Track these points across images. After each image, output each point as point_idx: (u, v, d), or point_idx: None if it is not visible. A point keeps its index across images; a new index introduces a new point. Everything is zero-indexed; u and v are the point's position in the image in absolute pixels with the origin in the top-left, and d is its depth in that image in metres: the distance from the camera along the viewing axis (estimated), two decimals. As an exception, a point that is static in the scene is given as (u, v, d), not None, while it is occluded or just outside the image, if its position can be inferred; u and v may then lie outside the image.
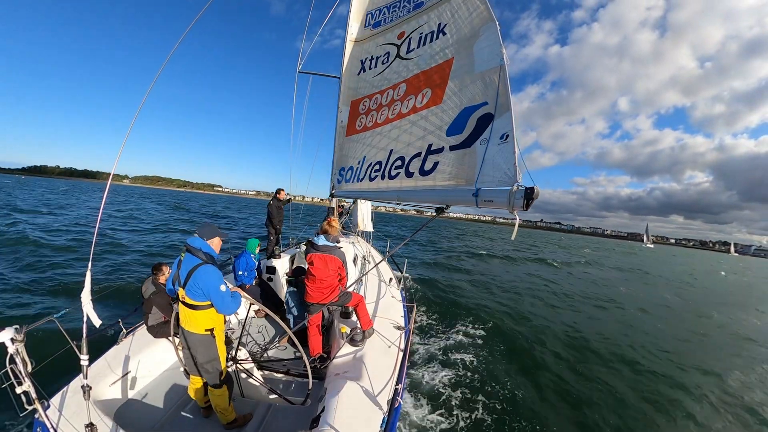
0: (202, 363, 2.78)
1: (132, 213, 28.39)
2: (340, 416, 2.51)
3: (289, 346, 4.31)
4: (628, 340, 8.61)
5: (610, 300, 13.86)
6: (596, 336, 8.59)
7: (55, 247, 12.12)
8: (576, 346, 7.74)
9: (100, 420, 2.59)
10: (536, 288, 14.64)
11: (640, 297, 15.54)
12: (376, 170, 4.02)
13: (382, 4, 4.90)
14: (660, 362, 7.39)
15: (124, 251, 12.89)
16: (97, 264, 10.33)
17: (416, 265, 14.98)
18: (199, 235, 2.80)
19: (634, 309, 12.61)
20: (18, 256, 10.52)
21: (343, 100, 5.39)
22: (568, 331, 8.78)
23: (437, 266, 16.75)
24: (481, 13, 3.06)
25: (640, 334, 9.39)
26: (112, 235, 15.97)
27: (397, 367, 3.33)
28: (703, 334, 10.41)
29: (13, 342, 2.00)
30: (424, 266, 15.75)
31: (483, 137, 2.61)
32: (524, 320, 9.29)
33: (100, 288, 7.69)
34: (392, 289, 5.68)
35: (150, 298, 3.82)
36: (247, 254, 5.16)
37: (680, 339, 9.52)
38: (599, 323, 10.15)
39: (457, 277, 14.46)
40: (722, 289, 23.33)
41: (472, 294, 11.58)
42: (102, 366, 3.30)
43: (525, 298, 12.33)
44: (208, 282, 2.61)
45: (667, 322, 11.20)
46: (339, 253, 3.91)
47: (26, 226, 15.71)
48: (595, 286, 17.46)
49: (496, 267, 20.41)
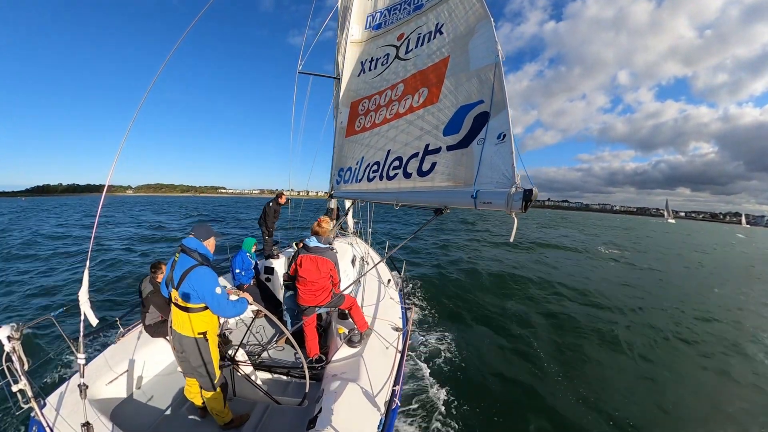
0: (195, 367, 2.75)
1: (147, 228, 25.88)
2: (337, 417, 2.50)
3: (286, 347, 4.30)
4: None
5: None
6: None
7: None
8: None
9: (97, 419, 2.59)
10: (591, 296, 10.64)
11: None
12: (374, 171, 4.01)
13: (383, 7, 4.92)
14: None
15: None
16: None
17: (417, 264, 14.75)
18: (195, 235, 2.77)
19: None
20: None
21: (342, 101, 5.40)
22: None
23: (442, 264, 14.85)
24: (476, 10, 3.07)
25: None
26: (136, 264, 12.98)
27: (394, 369, 3.32)
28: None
29: (9, 340, 2.00)
30: (424, 266, 15.46)
31: (479, 137, 2.59)
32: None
33: (98, 287, 7.70)
34: (390, 290, 5.67)
35: (148, 297, 3.82)
36: (243, 253, 5.17)
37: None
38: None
39: (463, 275, 12.98)
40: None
41: (483, 294, 10.56)
42: (99, 365, 3.30)
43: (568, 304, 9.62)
44: (203, 284, 2.57)
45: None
46: (331, 255, 3.87)
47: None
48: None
49: (515, 257, 17.06)
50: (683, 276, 16.02)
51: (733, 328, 8.79)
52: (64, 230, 22.63)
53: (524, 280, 11.91)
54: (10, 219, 32.26)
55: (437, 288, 10.51)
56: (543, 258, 17.44)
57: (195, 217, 38.90)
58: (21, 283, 9.92)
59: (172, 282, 2.67)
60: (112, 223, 28.16)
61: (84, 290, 2.49)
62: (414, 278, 11.11)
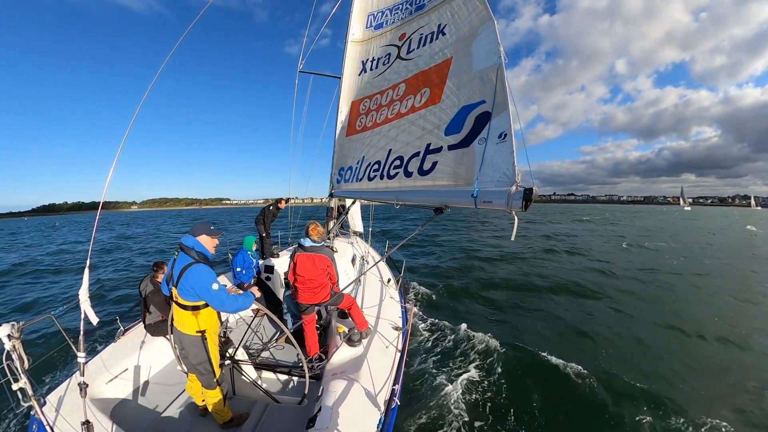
0: (195, 364, 2.78)
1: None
2: (337, 416, 2.51)
3: (286, 346, 4.30)
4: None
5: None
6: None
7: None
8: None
9: (97, 418, 2.59)
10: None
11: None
12: (375, 170, 4.02)
13: (384, 6, 4.92)
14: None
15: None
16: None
17: (417, 264, 14.67)
18: (192, 234, 2.80)
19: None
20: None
21: (343, 100, 5.40)
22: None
23: (446, 265, 14.17)
24: (480, 12, 3.07)
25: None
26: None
27: (394, 368, 3.33)
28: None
29: (9, 339, 2.00)
30: (425, 266, 15.37)
31: (481, 136, 2.60)
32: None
33: (98, 286, 7.72)
34: (390, 289, 5.67)
35: (148, 296, 3.82)
36: (244, 251, 5.18)
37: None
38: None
39: (470, 274, 12.47)
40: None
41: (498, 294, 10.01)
42: (99, 364, 3.30)
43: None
44: (200, 281, 2.58)
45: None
46: (326, 251, 3.91)
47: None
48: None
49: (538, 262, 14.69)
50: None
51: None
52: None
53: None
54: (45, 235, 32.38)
55: (440, 288, 10.41)
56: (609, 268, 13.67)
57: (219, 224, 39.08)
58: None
59: (172, 280, 2.70)
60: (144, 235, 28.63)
61: (84, 289, 2.50)
62: (413, 279, 11.00)
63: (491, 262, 14.77)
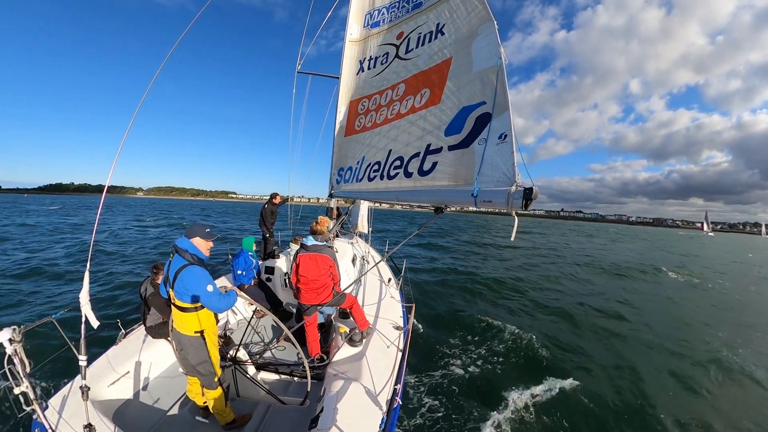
0: (194, 365, 2.78)
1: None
2: (339, 416, 2.51)
3: (288, 347, 4.31)
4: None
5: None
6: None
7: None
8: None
9: (99, 421, 2.59)
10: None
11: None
12: (375, 170, 4.02)
13: (381, 5, 4.90)
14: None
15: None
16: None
17: (418, 264, 14.74)
18: (187, 236, 2.80)
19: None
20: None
21: (342, 100, 5.39)
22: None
23: (448, 269, 14.37)
24: (479, 12, 3.07)
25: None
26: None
27: (396, 367, 3.33)
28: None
29: (11, 342, 1.99)
30: (426, 266, 15.48)
31: (481, 137, 2.61)
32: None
33: (99, 289, 7.70)
34: (391, 289, 5.68)
35: (148, 298, 3.82)
36: (244, 253, 5.16)
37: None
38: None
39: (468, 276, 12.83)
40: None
41: (484, 296, 10.34)
42: (101, 367, 3.30)
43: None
44: (194, 283, 2.59)
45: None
46: (329, 251, 3.92)
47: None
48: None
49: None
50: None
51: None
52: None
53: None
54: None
55: (440, 288, 10.41)
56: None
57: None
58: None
59: (169, 282, 2.72)
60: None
61: (85, 292, 2.49)
62: (413, 278, 11.00)
63: (503, 262, 14.62)
